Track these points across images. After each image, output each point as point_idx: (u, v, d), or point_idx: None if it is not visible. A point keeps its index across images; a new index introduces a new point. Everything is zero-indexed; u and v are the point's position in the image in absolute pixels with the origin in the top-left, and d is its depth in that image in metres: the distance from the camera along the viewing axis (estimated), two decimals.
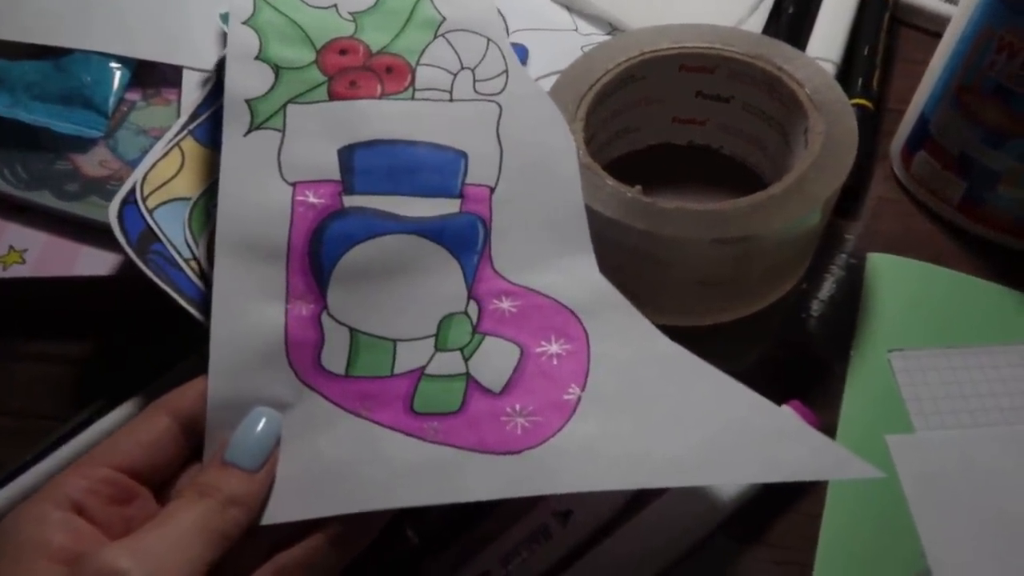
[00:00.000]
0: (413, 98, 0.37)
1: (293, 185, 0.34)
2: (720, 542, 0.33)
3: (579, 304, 0.33)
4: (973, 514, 0.33)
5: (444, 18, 0.39)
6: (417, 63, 0.38)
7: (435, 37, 0.39)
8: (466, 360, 0.31)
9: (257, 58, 0.37)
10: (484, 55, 0.39)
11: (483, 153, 0.36)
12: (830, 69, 0.46)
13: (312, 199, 0.34)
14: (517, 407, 0.30)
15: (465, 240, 0.34)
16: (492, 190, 0.35)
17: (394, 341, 0.32)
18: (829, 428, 0.35)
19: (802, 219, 0.35)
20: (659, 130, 0.45)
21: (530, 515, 0.32)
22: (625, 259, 0.36)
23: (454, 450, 0.29)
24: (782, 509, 0.34)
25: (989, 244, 0.42)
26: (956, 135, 0.40)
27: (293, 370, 0.31)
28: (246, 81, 0.36)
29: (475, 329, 0.32)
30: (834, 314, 0.40)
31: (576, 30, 0.49)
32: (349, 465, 0.29)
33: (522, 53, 0.46)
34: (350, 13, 0.39)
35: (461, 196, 0.35)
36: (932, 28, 0.51)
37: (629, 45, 0.41)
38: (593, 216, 0.35)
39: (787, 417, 0.30)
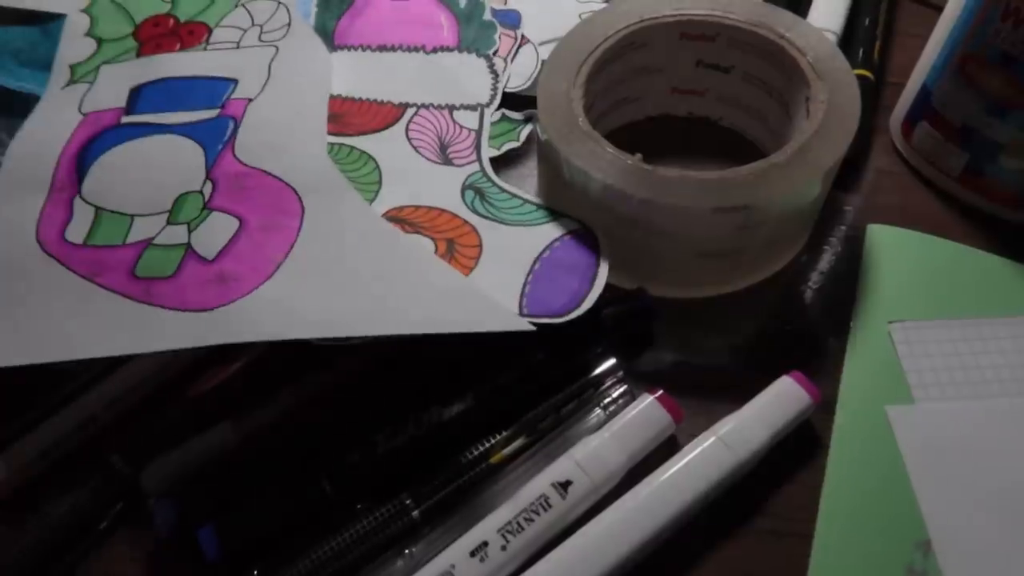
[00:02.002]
0: (205, 49, 0.42)
1: (85, 115, 0.40)
2: (720, 513, 0.32)
3: (301, 182, 0.36)
4: (974, 484, 0.33)
5: None
6: (216, 25, 0.43)
7: (236, 7, 0.44)
8: (190, 232, 0.35)
9: (86, 35, 0.43)
10: (273, 14, 0.44)
11: (252, 79, 0.40)
12: (832, 39, 0.46)
13: (94, 121, 0.39)
14: (224, 272, 0.33)
15: (214, 133, 0.38)
16: (250, 100, 0.40)
17: (132, 216, 0.36)
18: (829, 399, 0.35)
19: (804, 188, 0.35)
20: (658, 101, 0.44)
21: (529, 486, 0.31)
22: (624, 229, 0.36)
23: (157, 309, 0.33)
24: (782, 480, 0.34)
25: (990, 216, 0.41)
26: (958, 106, 0.39)
27: (38, 241, 0.35)
28: (72, 51, 0.43)
29: (205, 205, 0.36)
30: (834, 286, 0.39)
31: None
32: (60, 319, 0.32)
33: (514, 18, 0.45)
34: None
35: (222, 107, 0.39)
36: (933, 1, 0.51)
37: (629, 12, 0.40)
38: (592, 183, 0.35)
39: (459, 279, 0.34)
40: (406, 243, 0.35)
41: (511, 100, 0.42)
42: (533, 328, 0.32)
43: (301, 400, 0.34)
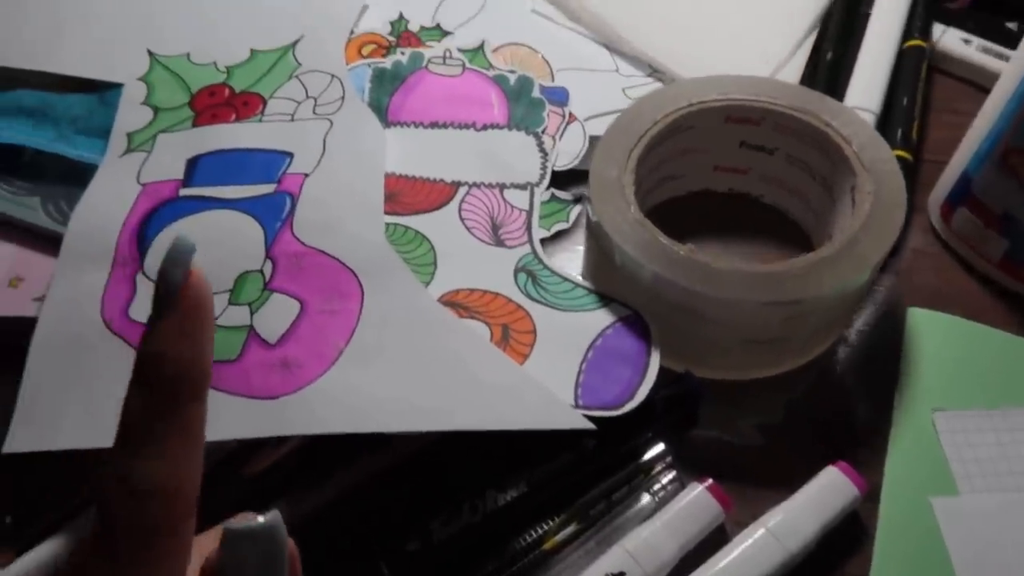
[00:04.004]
0: (260, 121, 0.43)
1: (144, 185, 0.40)
2: None
3: (359, 264, 0.37)
4: None
5: (300, 65, 0.46)
6: (271, 97, 0.44)
7: (290, 79, 0.45)
8: (252, 314, 0.35)
9: (143, 103, 0.44)
10: (327, 87, 0.45)
11: (308, 153, 0.41)
12: (869, 119, 0.46)
13: (153, 193, 0.40)
14: (287, 357, 0.34)
15: (273, 210, 0.39)
16: (307, 176, 0.40)
17: None
18: (874, 487, 0.36)
19: (853, 281, 0.35)
20: (700, 177, 0.45)
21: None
22: (672, 315, 0.36)
23: (222, 394, 0.33)
24: (829, 570, 0.34)
25: None
26: (1000, 195, 0.40)
27: (103, 320, 0.36)
28: (129, 119, 0.43)
29: (266, 286, 0.36)
30: (874, 369, 0.40)
31: (617, 71, 0.49)
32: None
33: (562, 95, 0.46)
34: (225, 67, 0.46)
35: (278, 182, 0.40)
36: (967, 76, 0.52)
37: (678, 95, 0.41)
38: (643, 271, 0.35)
39: (518, 372, 0.34)
40: (463, 331, 0.35)
41: (559, 177, 0.43)
42: (593, 427, 0.32)
43: (355, 482, 0.35)
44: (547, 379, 0.34)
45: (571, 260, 0.42)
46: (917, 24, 0.51)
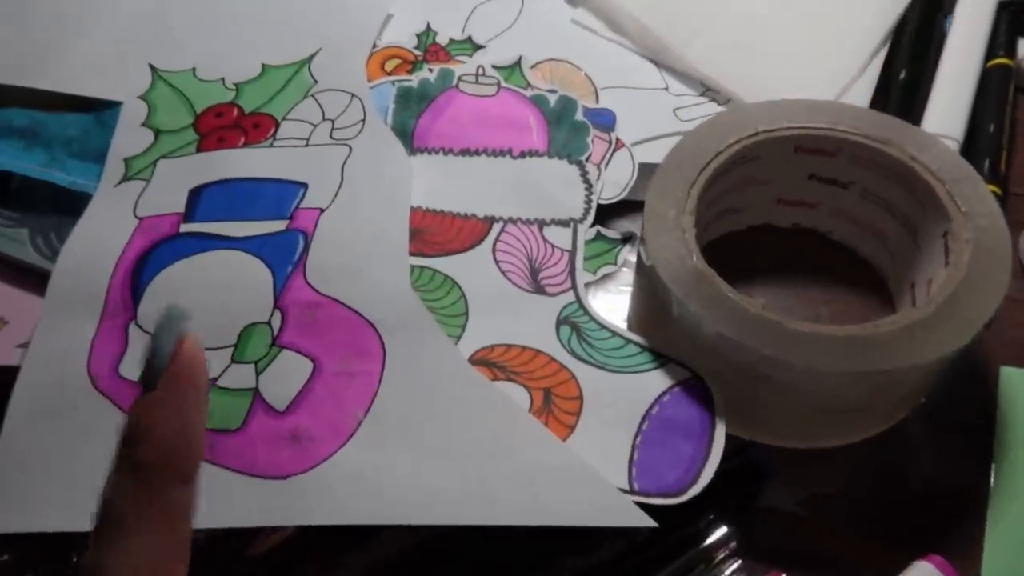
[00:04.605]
0: (271, 146, 0.39)
1: (140, 219, 0.36)
2: None
3: (382, 319, 0.32)
4: None
5: (316, 82, 0.41)
6: (283, 118, 0.40)
7: (305, 97, 0.41)
8: (258, 374, 0.31)
9: (143, 125, 0.40)
10: (346, 108, 0.40)
11: (324, 184, 0.37)
12: (952, 147, 0.41)
13: (151, 228, 0.36)
14: (297, 428, 0.30)
15: (283, 251, 0.34)
16: (323, 211, 0.36)
17: None
18: None
19: (954, 346, 0.30)
20: (761, 211, 0.40)
21: None
22: (736, 378, 0.32)
23: (223, 471, 0.29)
24: None
25: None
26: None
27: (90, 377, 0.32)
28: (127, 143, 0.39)
29: (274, 341, 0.32)
30: (962, 438, 0.35)
31: (667, 89, 0.44)
32: None
33: (608, 119, 0.41)
34: (234, 83, 0.42)
35: (290, 218, 0.36)
36: None
37: (742, 123, 0.36)
38: (705, 327, 0.31)
39: (563, 453, 0.29)
40: (499, 400, 0.31)
41: (603, 211, 0.38)
42: (653, 524, 0.28)
43: (370, 566, 0.31)
44: (596, 457, 0.29)
45: (615, 304, 0.38)
46: (1001, 40, 0.46)
